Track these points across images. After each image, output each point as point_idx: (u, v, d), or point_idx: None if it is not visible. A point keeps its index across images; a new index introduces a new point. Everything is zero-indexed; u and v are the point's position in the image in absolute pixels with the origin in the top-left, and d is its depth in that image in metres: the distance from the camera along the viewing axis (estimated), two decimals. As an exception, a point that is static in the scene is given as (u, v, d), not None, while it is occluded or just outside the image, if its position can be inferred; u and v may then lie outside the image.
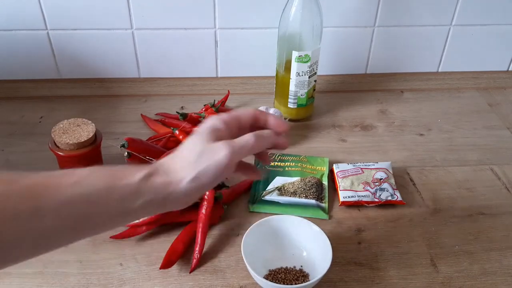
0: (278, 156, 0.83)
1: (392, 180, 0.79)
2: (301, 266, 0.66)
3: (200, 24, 1.00)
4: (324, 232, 0.65)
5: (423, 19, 1.03)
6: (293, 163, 0.82)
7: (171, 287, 0.63)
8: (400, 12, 1.01)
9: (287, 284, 0.62)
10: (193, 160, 0.47)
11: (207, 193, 0.71)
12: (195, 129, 0.50)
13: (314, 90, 0.93)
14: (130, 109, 0.98)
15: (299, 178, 0.79)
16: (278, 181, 0.79)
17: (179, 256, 0.67)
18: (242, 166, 0.54)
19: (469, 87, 1.08)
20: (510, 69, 1.13)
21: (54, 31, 0.99)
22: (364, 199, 0.75)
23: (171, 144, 0.85)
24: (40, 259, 0.66)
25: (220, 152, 0.46)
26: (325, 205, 0.76)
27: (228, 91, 0.99)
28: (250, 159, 0.84)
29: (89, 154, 0.75)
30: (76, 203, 0.41)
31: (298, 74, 0.88)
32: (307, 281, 0.62)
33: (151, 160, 0.74)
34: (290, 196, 0.76)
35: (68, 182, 0.42)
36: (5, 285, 0.63)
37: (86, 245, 0.69)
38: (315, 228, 0.66)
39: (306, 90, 0.91)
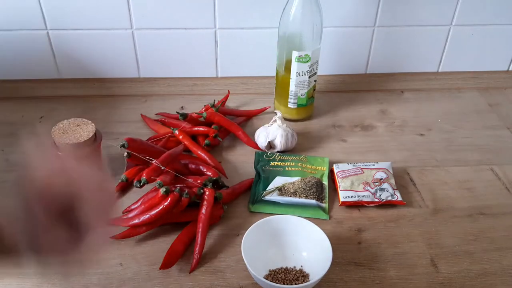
0: (278, 156, 0.83)
1: (392, 180, 0.79)
2: (301, 266, 0.66)
3: (200, 24, 1.00)
4: (324, 232, 0.65)
5: (423, 19, 1.03)
6: (293, 163, 0.82)
7: (171, 287, 0.63)
8: (400, 12, 1.01)
9: (287, 284, 0.62)
10: None
11: (207, 193, 0.71)
12: None
13: (314, 90, 0.93)
14: (130, 109, 0.98)
15: (299, 178, 0.79)
16: (278, 181, 0.79)
17: (179, 256, 0.67)
18: None
19: (469, 87, 1.08)
20: (510, 69, 1.13)
21: (54, 31, 0.99)
22: (364, 199, 0.75)
23: (171, 144, 0.85)
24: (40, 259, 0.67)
25: None
26: (325, 205, 0.76)
27: (228, 91, 0.99)
28: (251, 155, 0.84)
29: (89, 154, 0.75)
30: None
31: (298, 74, 0.88)
32: (307, 281, 0.62)
33: (151, 160, 0.74)
34: (290, 196, 0.76)
35: None
36: (5, 285, 0.63)
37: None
38: (315, 228, 0.66)
39: (306, 90, 0.91)
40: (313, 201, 0.75)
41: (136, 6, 0.97)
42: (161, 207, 0.67)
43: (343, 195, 0.76)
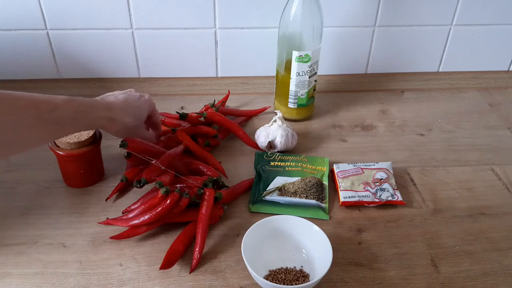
0: (278, 156, 0.83)
1: (393, 180, 0.78)
2: (301, 267, 0.66)
3: (200, 24, 1.00)
4: (325, 233, 0.65)
5: (423, 19, 1.03)
6: (294, 163, 0.82)
7: (171, 287, 0.63)
8: (400, 12, 1.01)
9: (287, 284, 0.62)
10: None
11: (207, 193, 0.71)
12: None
13: (314, 90, 0.93)
14: (130, 109, 0.98)
15: (299, 178, 0.79)
16: (278, 181, 0.78)
17: (179, 256, 0.66)
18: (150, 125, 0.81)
19: (469, 87, 1.08)
20: (510, 69, 1.12)
21: (54, 31, 0.99)
22: (365, 199, 0.75)
23: (171, 144, 0.85)
24: (40, 259, 0.67)
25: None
26: (325, 205, 0.76)
27: (228, 91, 0.99)
28: (250, 163, 0.84)
29: (89, 153, 0.75)
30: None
31: (299, 74, 0.88)
32: (307, 282, 0.62)
33: (150, 160, 0.74)
34: (290, 196, 0.76)
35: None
36: (5, 285, 0.63)
37: (86, 245, 0.69)
38: (316, 228, 0.66)
39: (306, 90, 0.91)
40: (313, 201, 0.75)
41: (136, 6, 0.97)
42: (161, 207, 0.67)
43: (343, 195, 0.76)
